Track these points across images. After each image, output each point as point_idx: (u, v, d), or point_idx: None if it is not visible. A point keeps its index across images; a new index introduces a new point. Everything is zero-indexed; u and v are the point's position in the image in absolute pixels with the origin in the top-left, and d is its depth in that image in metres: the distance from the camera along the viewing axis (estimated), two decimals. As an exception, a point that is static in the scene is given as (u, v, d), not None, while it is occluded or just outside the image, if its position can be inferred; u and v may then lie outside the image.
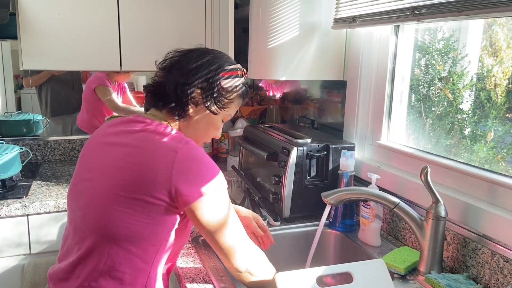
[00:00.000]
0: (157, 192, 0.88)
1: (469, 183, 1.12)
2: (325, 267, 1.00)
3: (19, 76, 2.25)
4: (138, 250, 0.91)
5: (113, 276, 0.92)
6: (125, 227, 0.90)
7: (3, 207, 1.54)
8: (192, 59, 1.03)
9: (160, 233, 0.92)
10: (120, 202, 0.90)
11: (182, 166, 0.89)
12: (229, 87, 1.04)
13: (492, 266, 1.00)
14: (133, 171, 0.90)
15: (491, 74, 1.30)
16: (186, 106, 1.01)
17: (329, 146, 1.44)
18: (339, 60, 1.59)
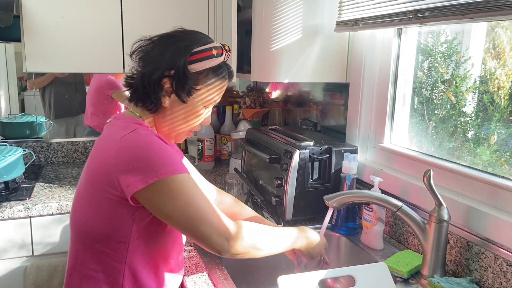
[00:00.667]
0: (107, 185, 0.87)
1: (472, 186, 1.12)
2: (327, 271, 1.00)
3: (23, 78, 2.26)
4: (105, 248, 0.91)
5: (87, 274, 0.93)
6: (89, 224, 0.92)
7: (6, 209, 1.54)
8: (157, 46, 0.95)
9: (121, 228, 0.90)
10: (84, 201, 0.93)
11: (123, 156, 0.86)
12: (201, 72, 0.95)
13: (496, 270, 0.99)
14: (91, 169, 0.93)
15: (494, 77, 1.30)
16: (157, 98, 0.94)
17: (332, 149, 1.44)
18: (341, 63, 1.59)
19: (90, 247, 0.92)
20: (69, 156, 2.23)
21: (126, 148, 0.87)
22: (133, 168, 0.84)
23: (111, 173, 0.86)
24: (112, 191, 0.87)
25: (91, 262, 0.92)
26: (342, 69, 1.59)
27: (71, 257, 0.97)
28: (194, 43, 0.95)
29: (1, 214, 1.53)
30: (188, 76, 0.93)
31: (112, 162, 0.87)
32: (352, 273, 1.00)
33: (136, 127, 0.91)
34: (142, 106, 0.97)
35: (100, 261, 0.92)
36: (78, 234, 0.95)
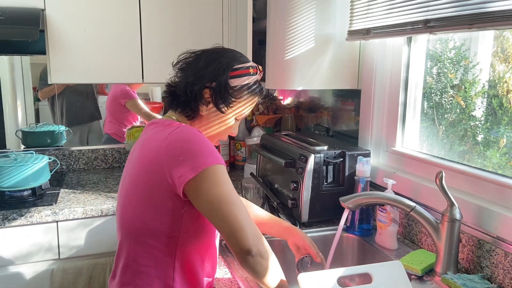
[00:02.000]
0: (159, 182, 0.93)
1: (482, 187, 1.17)
2: (345, 268, 1.05)
3: (35, 89, 2.35)
4: (156, 243, 0.97)
5: (139, 270, 0.98)
6: (141, 221, 0.97)
7: (34, 214, 1.62)
8: (203, 59, 1.05)
9: (171, 223, 0.95)
10: (136, 200, 0.98)
11: (172, 150, 0.92)
12: (237, 86, 1.05)
13: (506, 266, 1.04)
14: (140, 169, 0.99)
15: (503, 80, 1.34)
16: (197, 106, 1.04)
17: (345, 153, 1.49)
18: (353, 70, 1.65)
19: (142, 243, 0.98)
20: (90, 163, 2.32)
21: (174, 143, 0.93)
22: (184, 160, 0.91)
23: (162, 169, 0.93)
24: (164, 187, 0.93)
25: (143, 258, 0.98)
26: (354, 75, 1.65)
27: (124, 256, 1.01)
28: (235, 60, 1.06)
29: (30, 218, 1.61)
30: (228, 89, 1.04)
31: (163, 158, 0.93)
32: (369, 271, 1.05)
33: (179, 125, 1.00)
34: (181, 112, 1.07)
35: (152, 257, 0.98)
36: (129, 232, 1.00)
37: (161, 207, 0.95)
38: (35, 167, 1.73)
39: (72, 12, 1.80)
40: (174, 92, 1.06)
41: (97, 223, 1.72)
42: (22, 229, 1.62)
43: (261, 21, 1.83)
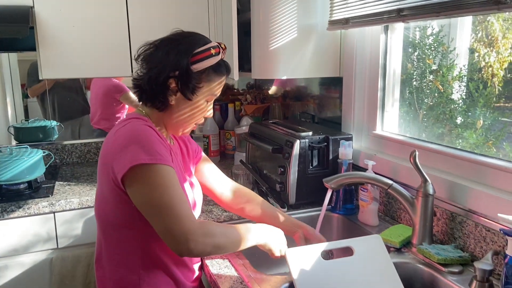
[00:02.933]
0: (108, 176, 0.98)
1: (455, 164, 1.25)
2: (328, 243, 1.13)
3: (24, 86, 2.38)
4: (118, 234, 1.04)
5: (110, 258, 1.06)
6: (104, 214, 1.05)
7: (31, 205, 1.67)
8: (161, 49, 1.03)
9: (124, 214, 1.00)
10: (99, 193, 1.05)
11: (116, 143, 0.96)
12: (202, 70, 1.03)
13: (476, 236, 1.13)
14: (99, 165, 1.05)
15: (488, 65, 1.38)
16: (165, 97, 1.03)
17: (329, 137, 1.57)
18: (335, 58, 1.72)
19: (109, 234, 1.05)
20: (83, 157, 2.37)
21: (119, 137, 0.97)
22: (125, 151, 0.93)
23: (108, 162, 0.97)
24: (111, 181, 0.97)
25: (111, 248, 1.05)
26: (336, 64, 1.72)
27: (97, 245, 1.10)
28: (194, 44, 1.03)
29: (28, 210, 1.67)
30: (192, 76, 1.02)
31: (109, 152, 0.99)
32: (350, 245, 1.13)
33: (131, 120, 1.01)
34: (151, 105, 1.07)
35: (118, 246, 1.04)
36: (99, 223, 1.08)
37: (113, 201, 1.00)
38: (30, 160, 1.78)
39: (60, 9, 1.84)
40: (139, 87, 1.06)
41: (93, 213, 1.77)
42: (21, 220, 1.68)
43: (245, 13, 1.88)
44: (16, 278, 1.72)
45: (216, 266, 1.17)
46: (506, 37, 1.34)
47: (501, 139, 1.36)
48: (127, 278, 1.04)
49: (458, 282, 1.04)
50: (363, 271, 1.09)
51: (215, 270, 1.15)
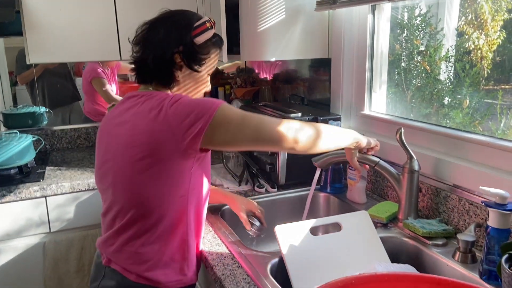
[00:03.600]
0: (168, 149, 0.97)
1: (440, 142, 1.28)
2: (316, 219, 1.16)
3: (12, 74, 2.36)
4: (168, 205, 1.02)
5: (157, 232, 1.03)
6: (153, 191, 1.00)
7: (23, 190, 1.68)
8: (160, 28, 1.06)
9: (183, 183, 1.02)
10: (140, 172, 1.00)
11: (176, 116, 0.96)
12: (204, 43, 1.08)
13: (460, 210, 1.16)
14: (140, 141, 0.98)
15: (477, 47, 1.40)
16: (171, 73, 1.07)
17: (318, 118, 1.59)
18: (323, 39, 1.73)
19: (157, 208, 1.01)
20: (73, 142, 2.36)
21: (178, 111, 0.96)
22: (193, 119, 0.95)
23: (171, 135, 0.96)
24: (176, 150, 0.97)
25: (159, 222, 1.02)
26: (324, 45, 1.73)
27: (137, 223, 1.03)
28: (191, 19, 1.08)
29: (19, 194, 1.67)
30: (195, 48, 1.07)
31: (173, 127, 0.96)
32: (338, 221, 1.16)
33: (166, 94, 1.03)
34: (158, 83, 1.08)
35: (167, 219, 1.02)
36: (142, 203, 1.01)
37: (173, 173, 1.00)
38: (20, 146, 1.78)
39: (47, -8, 1.82)
40: (143, 67, 1.08)
41: (85, 196, 1.79)
42: (12, 205, 1.69)
43: (234, -5, 1.88)
44: (10, 262, 1.73)
45: (208, 244, 1.19)
46: (495, 20, 1.36)
47: (487, 119, 1.38)
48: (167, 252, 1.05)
49: (442, 254, 1.07)
50: (350, 245, 1.12)
51: (206, 247, 1.17)
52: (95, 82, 2.38)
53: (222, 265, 1.08)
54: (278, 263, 1.09)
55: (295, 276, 1.03)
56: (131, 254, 1.04)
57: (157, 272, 1.04)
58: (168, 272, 1.05)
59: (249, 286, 0.98)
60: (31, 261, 1.76)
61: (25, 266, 1.75)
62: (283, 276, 1.04)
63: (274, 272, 1.06)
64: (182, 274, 1.07)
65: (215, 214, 1.39)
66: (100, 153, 1.11)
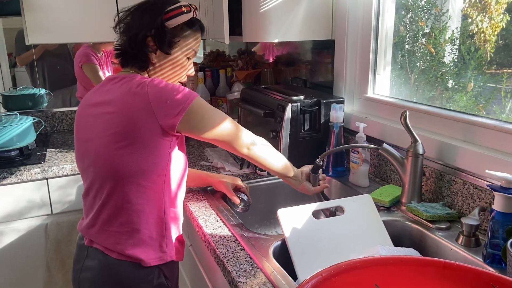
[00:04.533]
0: (147, 128, 1.03)
1: (444, 125, 1.27)
2: (319, 203, 1.16)
3: (12, 55, 2.33)
4: (147, 182, 1.07)
5: (134, 209, 1.07)
6: (131, 165, 1.05)
7: (24, 172, 1.67)
8: (136, 13, 1.13)
9: (160, 161, 1.07)
10: (121, 148, 1.04)
11: (156, 98, 1.02)
12: (176, 27, 1.12)
13: (464, 194, 1.16)
14: (120, 120, 1.04)
15: (480, 31, 1.39)
16: (146, 56, 1.11)
17: (321, 101, 1.57)
18: (327, 20, 1.69)
19: (135, 184, 1.06)
20: (73, 124, 2.34)
21: (157, 91, 1.03)
22: (171, 103, 1.03)
23: (151, 117, 1.02)
24: (154, 132, 1.03)
25: (136, 198, 1.07)
26: (328, 26, 1.70)
27: (114, 200, 1.07)
28: (165, 3, 1.12)
29: (20, 176, 1.67)
30: (167, 32, 1.11)
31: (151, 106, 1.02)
32: (341, 204, 1.16)
33: (145, 77, 1.09)
34: (134, 65, 1.13)
35: (144, 195, 1.07)
36: (119, 177, 1.06)
37: (152, 150, 1.05)
38: (20, 127, 1.77)
39: (44, -30, 1.78)
40: (122, 51, 1.13)
41: (86, 179, 1.78)
42: (14, 187, 1.68)
43: (236, -26, 1.83)
44: (12, 243, 1.74)
45: (210, 226, 1.19)
46: (499, 2, 1.33)
47: (491, 102, 1.37)
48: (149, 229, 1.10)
49: (445, 238, 1.07)
50: (353, 229, 1.12)
51: (208, 230, 1.17)
52: (85, 67, 2.33)
53: (224, 247, 1.08)
54: (281, 246, 1.09)
55: (298, 259, 1.03)
56: (111, 234, 1.09)
57: (137, 249, 1.08)
58: (147, 250, 1.09)
59: (252, 268, 0.98)
60: (34, 243, 1.77)
61: (28, 247, 1.76)
62: (286, 259, 1.04)
63: (276, 255, 1.06)
64: (161, 251, 1.12)
65: (216, 197, 1.38)
66: (80, 133, 1.15)
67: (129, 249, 1.07)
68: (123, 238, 1.08)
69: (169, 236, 1.13)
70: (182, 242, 1.20)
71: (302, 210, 1.12)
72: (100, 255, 1.09)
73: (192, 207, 1.31)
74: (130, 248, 1.07)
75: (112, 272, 1.09)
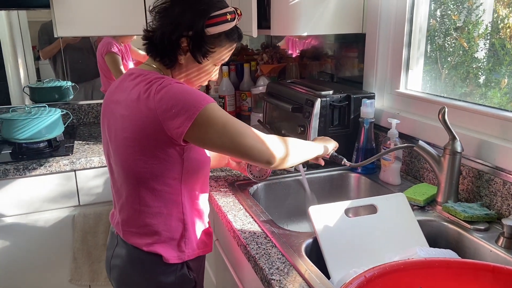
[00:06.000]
0: (156, 136, 0.98)
1: (483, 122, 1.22)
2: (351, 201, 1.13)
3: (35, 48, 2.35)
4: (163, 186, 1.04)
5: (152, 212, 1.07)
6: (144, 170, 1.02)
7: (52, 163, 1.69)
8: (178, 5, 1.02)
9: (173, 166, 1.03)
10: (133, 153, 1.02)
11: (163, 105, 0.95)
12: (216, 34, 1.03)
13: (504, 194, 1.11)
14: (130, 124, 1.00)
15: (507, 25, 1.34)
16: (175, 55, 1.04)
17: (351, 96, 1.53)
18: (358, 13, 1.65)
19: (150, 189, 1.05)
20: (99, 117, 2.36)
21: (164, 98, 0.96)
22: (177, 112, 0.95)
23: (158, 124, 0.96)
24: (162, 139, 0.98)
25: (153, 201, 1.06)
26: (359, 19, 1.66)
27: (133, 203, 1.08)
28: (211, 7, 1.02)
29: (49, 168, 1.69)
30: (205, 39, 1.02)
31: (157, 114, 0.96)
32: (374, 202, 1.13)
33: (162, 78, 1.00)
34: (160, 61, 1.07)
35: (160, 198, 1.06)
36: (135, 181, 1.05)
37: (162, 156, 1.01)
38: (49, 119, 1.78)
39: (73, -37, 1.78)
40: (152, 39, 1.05)
41: (113, 171, 1.80)
42: (42, 178, 1.71)
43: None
44: (40, 234, 1.76)
45: (240, 222, 1.18)
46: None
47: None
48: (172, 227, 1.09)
49: (484, 239, 1.03)
50: (386, 228, 1.09)
51: (238, 225, 1.16)
52: (108, 57, 2.32)
53: (255, 243, 1.06)
54: (312, 244, 1.07)
55: (330, 258, 1.01)
56: (132, 234, 1.10)
57: (157, 247, 1.08)
58: (167, 249, 1.09)
59: (285, 266, 0.96)
60: (61, 234, 1.79)
61: (55, 238, 1.79)
62: (318, 257, 1.02)
63: (308, 253, 1.04)
64: (180, 250, 1.11)
65: (245, 193, 1.37)
66: (104, 129, 1.13)
67: (150, 247, 1.09)
68: (143, 238, 1.09)
69: (189, 236, 1.11)
70: (209, 234, 1.19)
71: (334, 208, 1.10)
72: (128, 246, 1.11)
73: (220, 202, 1.30)
74: (151, 246, 1.09)
75: (137, 262, 1.11)
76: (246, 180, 1.48)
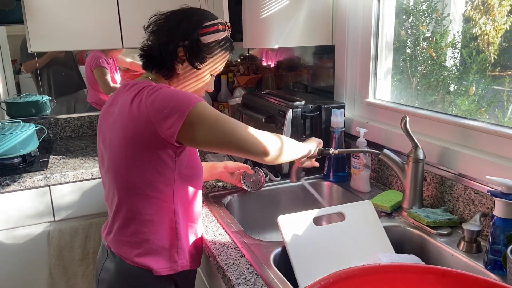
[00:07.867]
0: (149, 140, 1.00)
1: (445, 130, 1.26)
2: (319, 209, 1.15)
3: (15, 62, 2.34)
4: (155, 193, 1.05)
5: (143, 220, 1.07)
6: (137, 176, 1.04)
7: (26, 179, 1.68)
8: (173, 19, 1.09)
9: (166, 172, 1.04)
10: (125, 158, 1.04)
11: (154, 107, 0.98)
12: (210, 43, 1.10)
13: (465, 199, 1.15)
14: (124, 131, 1.03)
15: (484, 33, 1.39)
16: (172, 65, 1.09)
17: (321, 106, 1.57)
18: (327, 26, 1.70)
19: (143, 196, 1.05)
20: (76, 131, 2.36)
21: (155, 101, 0.99)
22: (168, 112, 0.98)
23: (151, 127, 0.98)
24: (155, 143, 1.00)
25: (145, 209, 1.06)
26: (328, 31, 1.70)
27: (125, 210, 1.08)
28: (204, 18, 1.10)
29: (23, 184, 1.67)
30: (200, 46, 1.09)
31: (149, 117, 0.98)
32: (341, 210, 1.16)
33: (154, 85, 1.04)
34: (158, 72, 1.11)
35: (153, 206, 1.06)
36: (128, 188, 1.06)
37: (156, 161, 1.02)
38: (23, 134, 1.78)
39: (46, -21, 1.79)
40: (149, 54, 1.11)
41: (89, 185, 1.79)
42: (16, 194, 1.69)
43: (236, -19, 1.84)
44: (15, 250, 1.74)
45: (211, 233, 1.19)
46: (502, 5, 1.33)
47: (493, 106, 1.36)
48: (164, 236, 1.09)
49: (446, 243, 1.06)
50: (354, 235, 1.11)
51: (209, 237, 1.17)
52: (96, 70, 2.37)
53: (225, 254, 1.08)
54: (281, 252, 1.09)
55: (298, 266, 1.03)
56: (124, 243, 1.10)
57: (147, 259, 1.08)
58: (158, 259, 1.09)
59: (252, 275, 0.98)
60: (36, 250, 1.77)
61: (30, 254, 1.77)
62: (286, 266, 1.04)
63: (277, 262, 1.05)
64: (172, 261, 1.11)
65: (218, 204, 1.38)
66: (99, 141, 1.15)
67: (140, 258, 1.08)
68: (134, 247, 1.08)
69: (181, 246, 1.11)
70: (199, 249, 1.18)
71: (303, 217, 1.12)
72: (118, 259, 1.10)
73: (193, 214, 1.31)
74: (141, 257, 1.08)
75: (125, 277, 1.11)
76: (220, 191, 1.49)
